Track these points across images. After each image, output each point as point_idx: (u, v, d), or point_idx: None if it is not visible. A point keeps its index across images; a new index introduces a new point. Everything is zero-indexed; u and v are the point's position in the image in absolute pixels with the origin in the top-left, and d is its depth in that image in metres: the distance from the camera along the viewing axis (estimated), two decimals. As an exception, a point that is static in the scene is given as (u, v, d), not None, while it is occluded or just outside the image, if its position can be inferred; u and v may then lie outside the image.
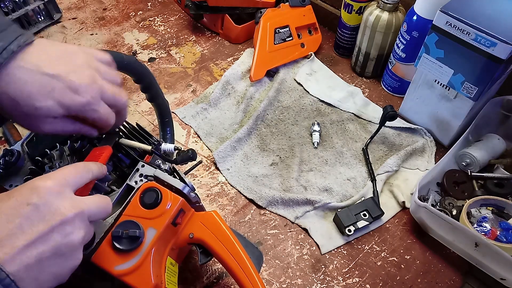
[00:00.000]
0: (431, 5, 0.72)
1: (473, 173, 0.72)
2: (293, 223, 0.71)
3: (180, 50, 1.02)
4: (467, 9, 0.64)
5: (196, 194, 0.53)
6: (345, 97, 0.89)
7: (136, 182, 0.50)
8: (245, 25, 1.00)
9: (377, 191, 0.73)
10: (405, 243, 0.68)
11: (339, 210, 0.70)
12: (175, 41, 1.04)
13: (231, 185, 0.76)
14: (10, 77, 0.37)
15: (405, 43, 0.79)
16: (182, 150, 0.53)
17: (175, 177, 0.52)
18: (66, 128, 0.42)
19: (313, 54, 0.97)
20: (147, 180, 0.50)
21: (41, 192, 0.34)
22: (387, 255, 0.67)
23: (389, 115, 0.76)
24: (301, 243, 0.69)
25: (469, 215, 0.66)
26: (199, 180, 0.77)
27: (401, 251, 0.68)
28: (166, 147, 0.54)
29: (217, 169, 0.78)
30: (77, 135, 0.53)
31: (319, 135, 0.82)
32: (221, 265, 0.58)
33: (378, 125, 0.79)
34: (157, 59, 1.00)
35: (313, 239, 0.69)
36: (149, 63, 0.99)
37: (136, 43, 1.04)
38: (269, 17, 0.93)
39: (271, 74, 0.94)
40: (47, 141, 0.54)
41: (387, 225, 0.71)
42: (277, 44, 0.92)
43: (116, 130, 0.54)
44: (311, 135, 0.82)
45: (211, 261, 0.58)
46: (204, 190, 0.75)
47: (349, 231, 0.67)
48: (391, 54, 0.85)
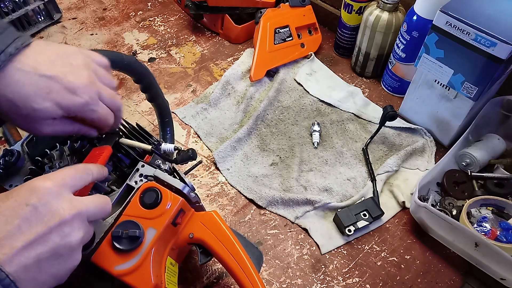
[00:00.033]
0: (431, 5, 0.72)
1: (473, 173, 0.72)
2: (293, 223, 0.71)
3: (180, 50, 1.02)
4: (467, 9, 0.64)
5: (196, 194, 0.53)
6: (345, 97, 0.89)
7: (136, 182, 0.50)
8: (245, 25, 1.00)
9: (377, 191, 0.73)
10: (405, 243, 0.68)
11: (339, 210, 0.70)
12: (175, 41, 1.04)
13: (231, 185, 0.76)
14: (7, 80, 0.37)
15: (405, 43, 0.79)
16: (182, 150, 0.53)
17: (175, 177, 0.52)
18: (65, 129, 0.42)
19: (313, 54, 0.97)
20: (147, 180, 0.50)
21: (40, 193, 0.34)
22: (387, 255, 0.67)
23: (389, 115, 0.76)
24: (301, 243, 0.69)
25: (469, 215, 0.66)
26: (199, 180, 0.77)
27: (401, 251, 0.68)
28: (166, 147, 0.54)
29: (217, 169, 0.78)
30: (77, 135, 0.53)
31: (319, 135, 0.82)
32: (221, 265, 0.58)
33: (378, 125, 0.79)
34: (157, 59, 1.00)
35: (313, 239, 0.69)
36: (149, 63, 0.99)
37: (136, 43, 1.04)
38: (269, 17, 0.93)
39: (271, 74, 0.94)
40: (47, 141, 0.53)
41: (387, 225, 0.71)
42: (277, 44, 0.92)
43: (115, 130, 0.54)
44: (311, 135, 0.82)
45: (211, 261, 0.58)
46: (204, 190, 0.75)
47: (349, 231, 0.67)
48: (391, 54, 0.85)
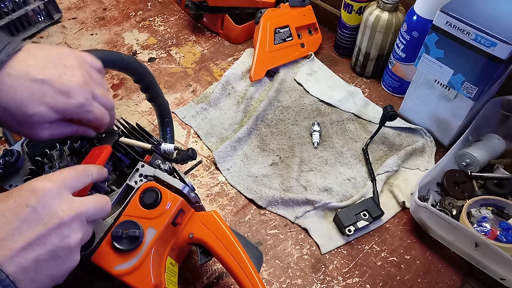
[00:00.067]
0: (431, 5, 0.72)
1: (473, 173, 0.72)
2: (293, 223, 0.71)
3: (180, 50, 1.02)
4: (467, 9, 0.64)
5: (196, 194, 0.53)
6: (345, 97, 0.89)
7: (136, 182, 0.50)
8: (245, 25, 1.00)
9: (377, 191, 0.73)
10: (405, 243, 0.68)
11: (339, 210, 0.70)
12: (175, 41, 1.04)
13: (231, 185, 0.76)
14: (0, 86, 0.37)
15: (405, 43, 0.79)
16: (182, 149, 0.53)
17: (175, 177, 0.52)
18: (63, 131, 0.42)
19: (313, 54, 0.97)
20: (147, 180, 0.50)
21: (39, 194, 0.34)
22: (387, 255, 0.67)
23: (389, 115, 0.76)
24: (301, 243, 0.68)
25: (469, 215, 0.66)
26: (199, 180, 0.77)
27: (401, 251, 0.68)
28: (166, 147, 0.54)
29: (217, 169, 0.78)
30: (76, 135, 0.53)
31: (319, 135, 0.82)
32: (221, 265, 0.59)
33: (378, 125, 0.79)
34: (157, 59, 1.00)
35: (313, 239, 0.69)
36: (149, 63, 0.99)
37: (136, 43, 1.04)
38: (269, 17, 0.93)
39: (271, 74, 0.94)
40: (47, 141, 0.53)
41: (387, 225, 0.71)
42: (277, 44, 0.92)
43: (114, 130, 0.54)
44: (311, 135, 0.82)
45: (211, 261, 0.58)
46: (204, 190, 0.75)
47: (349, 231, 0.67)
48: (391, 54, 0.85)
